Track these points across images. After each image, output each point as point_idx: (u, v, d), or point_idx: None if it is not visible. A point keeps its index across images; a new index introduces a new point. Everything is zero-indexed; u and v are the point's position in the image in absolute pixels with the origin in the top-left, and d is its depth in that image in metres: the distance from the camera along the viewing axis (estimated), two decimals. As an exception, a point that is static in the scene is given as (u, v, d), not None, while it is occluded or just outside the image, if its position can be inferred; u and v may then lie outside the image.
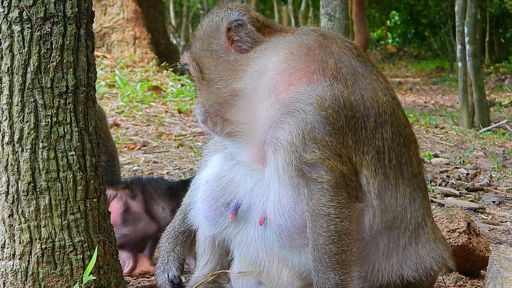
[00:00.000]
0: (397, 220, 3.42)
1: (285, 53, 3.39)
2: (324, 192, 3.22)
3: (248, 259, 3.64)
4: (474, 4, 14.96)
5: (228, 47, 3.51)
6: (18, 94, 3.29)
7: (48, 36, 3.30)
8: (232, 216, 3.55)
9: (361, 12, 27.06)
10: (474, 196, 7.27)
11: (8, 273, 3.31)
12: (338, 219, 3.24)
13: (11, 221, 3.32)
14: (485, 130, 13.65)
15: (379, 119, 3.36)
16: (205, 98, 3.55)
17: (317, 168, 3.22)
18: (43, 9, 3.28)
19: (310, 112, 3.23)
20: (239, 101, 3.46)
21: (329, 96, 3.25)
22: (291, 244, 3.40)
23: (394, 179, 3.41)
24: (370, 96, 3.35)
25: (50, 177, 3.32)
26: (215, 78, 3.50)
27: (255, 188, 3.49)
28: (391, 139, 3.40)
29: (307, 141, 3.22)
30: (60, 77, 3.33)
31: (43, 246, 3.32)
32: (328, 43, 3.42)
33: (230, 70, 3.48)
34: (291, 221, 3.34)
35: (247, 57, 3.47)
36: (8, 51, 3.29)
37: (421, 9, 39.12)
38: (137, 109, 12.18)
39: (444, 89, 26.53)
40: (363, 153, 3.32)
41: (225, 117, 3.51)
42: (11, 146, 3.31)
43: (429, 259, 3.48)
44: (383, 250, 3.44)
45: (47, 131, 3.32)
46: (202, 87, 3.56)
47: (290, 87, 3.31)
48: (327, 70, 3.31)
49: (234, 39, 3.49)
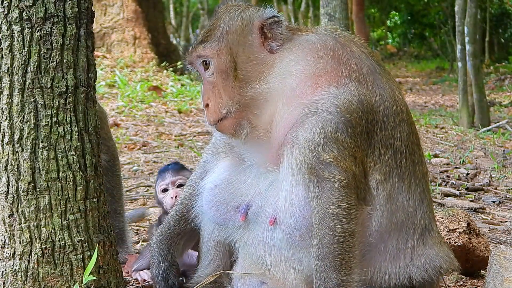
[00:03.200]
0: (407, 221, 3.46)
1: (312, 56, 3.39)
2: (335, 192, 3.24)
3: (254, 260, 3.63)
4: (474, 4, 14.95)
5: (260, 45, 3.44)
6: (18, 94, 3.29)
7: (48, 36, 3.30)
8: (242, 218, 3.55)
9: (361, 12, 27.06)
10: (474, 196, 7.26)
11: (8, 273, 3.31)
12: (346, 219, 3.26)
13: (11, 221, 3.32)
14: (485, 130, 13.64)
15: (397, 118, 3.41)
16: (230, 97, 3.43)
17: (331, 167, 3.25)
18: (43, 9, 3.28)
19: (336, 113, 3.26)
20: (264, 103, 3.41)
21: (355, 100, 3.29)
22: (300, 244, 3.40)
23: (408, 179, 3.45)
24: (389, 95, 3.41)
25: (50, 177, 3.32)
26: (246, 77, 3.41)
27: (269, 189, 3.49)
28: (407, 137, 3.45)
29: (328, 140, 3.24)
30: (60, 77, 3.33)
31: (43, 246, 3.32)
32: (348, 43, 3.45)
33: (259, 70, 3.42)
34: (302, 221, 3.35)
35: (274, 58, 3.42)
36: (8, 51, 3.29)
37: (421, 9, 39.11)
38: (137, 109, 12.18)
39: (444, 89, 26.52)
40: (380, 154, 3.36)
41: (248, 119, 3.43)
42: (11, 146, 3.31)
43: (438, 258, 3.52)
44: (390, 252, 3.45)
45: (47, 131, 3.32)
46: (227, 84, 3.42)
47: (318, 90, 3.33)
48: (352, 73, 3.34)
49: (268, 36, 3.43)
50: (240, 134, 3.45)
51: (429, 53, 40.64)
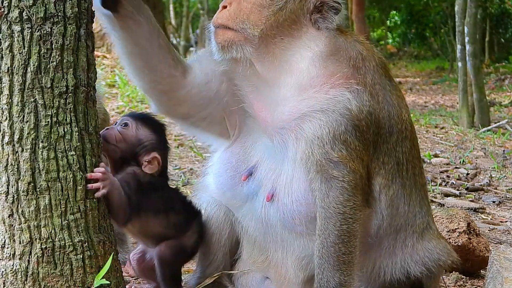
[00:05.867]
0: (407, 225, 3.57)
1: (336, 59, 3.43)
2: (343, 191, 3.30)
3: (256, 245, 3.67)
4: (474, 4, 14.95)
5: (309, 11, 3.44)
6: (18, 94, 3.29)
7: (48, 36, 3.30)
8: (244, 177, 3.59)
9: (361, 12, 27.06)
10: (474, 196, 7.28)
11: (8, 273, 3.30)
12: (351, 219, 3.32)
13: (11, 221, 3.31)
14: (485, 130, 13.65)
15: (400, 135, 3.53)
16: (255, 23, 3.39)
17: (341, 167, 3.30)
18: (43, 9, 3.28)
19: (347, 116, 3.34)
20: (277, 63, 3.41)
21: (366, 110, 3.37)
22: (292, 227, 3.48)
23: (409, 187, 3.57)
24: (396, 113, 3.51)
25: (50, 177, 3.32)
26: (280, 24, 3.39)
27: (268, 161, 3.55)
28: (409, 152, 3.57)
29: (337, 140, 3.31)
30: (60, 77, 3.32)
31: (43, 246, 3.31)
32: (369, 57, 3.52)
33: (291, 31, 3.41)
34: (297, 205, 3.42)
35: (309, 32, 3.44)
36: (8, 51, 3.28)
37: (421, 9, 39.09)
38: (137, 109, 12.16)
39: (444, 89, 26.51)
40: (383, 163, 3.46)
41: (253, 53, 3.40)
42: (11, 146, 3.31)
43: (437, 250, 3.60)
44: (386, 249, 3.51)
45: (47, 131, 3.32)
46: (262, 12, 3.40)
47: (333, 90, 3.37)
48: (367, 85, 3.42)
49: (322, 12, 3.45)
50: (232, 51, 3.43)
51: (429, 53, 40.63)
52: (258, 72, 3.44)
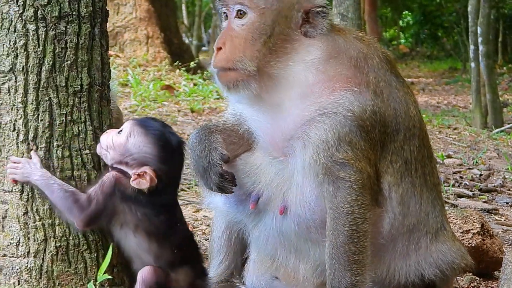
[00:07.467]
0: (420, 225, 3.53)
1: (336, 61, 3.41)
2: (350, 191, 3.29)
3: (266, 253, 3.66)
4: (487, 4, 14.87)
5: (298, 25, 3.41)
6: (33, 92, 3.31)
7: (63, 35, 3.31)
8: (252, 206, 3.57)
9: (373, 12, 27.02)
10: (487, 197, 7.24)
11: (22, 270, 3.32)
12: (361, 219, 3.31)
13: (25, 219, 3.33)
14: (498, 130, 13.56)
15: (408, 132, 3.48)
16: (251, 57, 3.35)
17: (347, 168, 3.29)
18: (58, 8, 3.30)
19: (350, 117, 3.31)
20: (278, 85, 3.39)
21: (369, 110, 3.34)
22: (307, 236, 3.46)
23: (419, 186, 3.52)
24: (402, 110, 3.46)
25: (64, 175, 3.33)
26: (273, 49, 3.37)
27: (276, 177, 3.51)
28: (417, 151, 3.52)
29: (342, 142, 3.29)
30: (74, 76, 3.34)
31: (58, 244, 3.33)
32: (372, 55, 3.48)
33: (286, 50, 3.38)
34: (310, 214, 3.40)
35: (304, 44, 3.41)
36: (23, 49, 3.30)
37: (434, 10, 38.94)
38: (150, 108, 12.19)
39: (457, 89, 26.39)
40: (391, 162, 3.44)
41: (256, 85, 3.37)
42: (25, 145, 3.32)
43: (451, 253, 3.56)
44: (400, 251, 3.49)
45: (62, 129, 3.33)
46: (255, 44, 3.36)
47: (334, 93, 3.36)
48: (370, 84, 3.39)
49: (310, 21, 3.41)
50: (239, 90, 3.40)
51: (441, 53, 40.43)
52: (261, 96, 3.43)
